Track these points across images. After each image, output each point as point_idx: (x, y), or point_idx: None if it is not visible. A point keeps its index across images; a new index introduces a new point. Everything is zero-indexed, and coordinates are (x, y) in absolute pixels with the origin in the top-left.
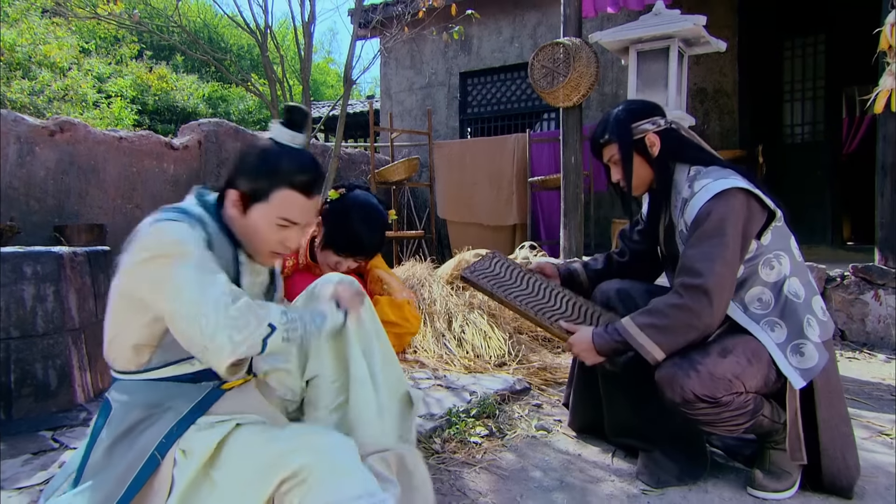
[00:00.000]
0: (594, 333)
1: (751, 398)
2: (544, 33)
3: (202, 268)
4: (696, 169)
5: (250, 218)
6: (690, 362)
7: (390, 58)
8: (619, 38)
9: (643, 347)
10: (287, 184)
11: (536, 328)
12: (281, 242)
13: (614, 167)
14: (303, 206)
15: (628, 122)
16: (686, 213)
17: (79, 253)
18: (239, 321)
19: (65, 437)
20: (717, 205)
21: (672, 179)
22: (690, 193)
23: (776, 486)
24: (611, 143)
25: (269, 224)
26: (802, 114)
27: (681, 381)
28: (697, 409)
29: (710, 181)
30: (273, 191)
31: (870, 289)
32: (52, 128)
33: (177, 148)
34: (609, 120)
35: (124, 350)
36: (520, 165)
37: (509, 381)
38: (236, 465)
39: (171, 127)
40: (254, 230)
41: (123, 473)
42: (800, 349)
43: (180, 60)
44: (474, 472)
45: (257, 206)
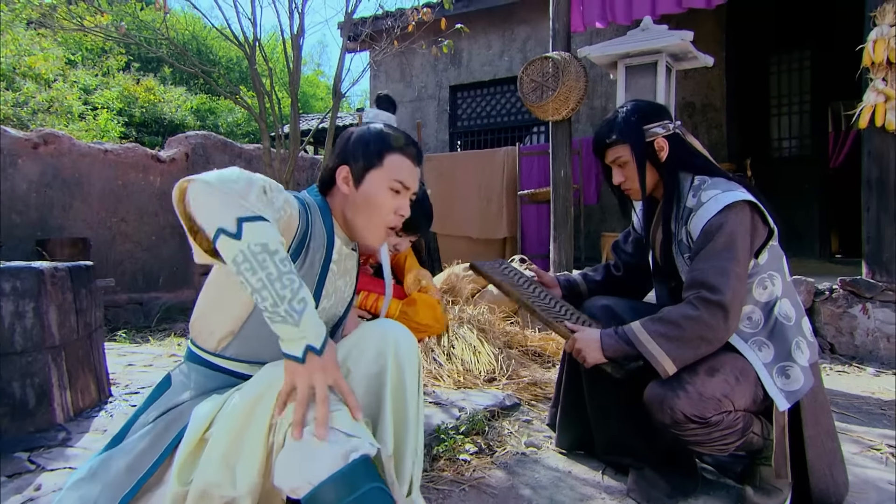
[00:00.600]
0: (602, 333)
1: (740, 416)
2: (533, 47)
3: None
4: (700, 178)
5: (364, 188)
6: (679, 382)
7: (380, 71)
8: (607, 52)
9: (653, 357)
10: (398, 149)
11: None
12: (396, 211)
13: (618, 169)
14: (412, 171)
15: (640, 124)
16: (691, 224)
17: (60, 268)
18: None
19: (42, 459)
20: (728, 217)
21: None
22: (696, 203)
23: (766, 502)
24: (619, 144)
25: (385, 189)
26: (790, 128)
27: (670, 401)
28: (687, 429)
29: (719, 192)
30: (385, 156)
31: (858, 302)
32: (36, 140)
33: (164, 160)
34: (618, 119)
35: (209, 325)
36: (509, 179)
37: (499, 397)
38: (228, 413)
39: (158, 139)
40: (370, 199)
41: (150, 447)
42: (786, 371)
43: (168, 72)
44: (463, 490)
45: (372, 173)
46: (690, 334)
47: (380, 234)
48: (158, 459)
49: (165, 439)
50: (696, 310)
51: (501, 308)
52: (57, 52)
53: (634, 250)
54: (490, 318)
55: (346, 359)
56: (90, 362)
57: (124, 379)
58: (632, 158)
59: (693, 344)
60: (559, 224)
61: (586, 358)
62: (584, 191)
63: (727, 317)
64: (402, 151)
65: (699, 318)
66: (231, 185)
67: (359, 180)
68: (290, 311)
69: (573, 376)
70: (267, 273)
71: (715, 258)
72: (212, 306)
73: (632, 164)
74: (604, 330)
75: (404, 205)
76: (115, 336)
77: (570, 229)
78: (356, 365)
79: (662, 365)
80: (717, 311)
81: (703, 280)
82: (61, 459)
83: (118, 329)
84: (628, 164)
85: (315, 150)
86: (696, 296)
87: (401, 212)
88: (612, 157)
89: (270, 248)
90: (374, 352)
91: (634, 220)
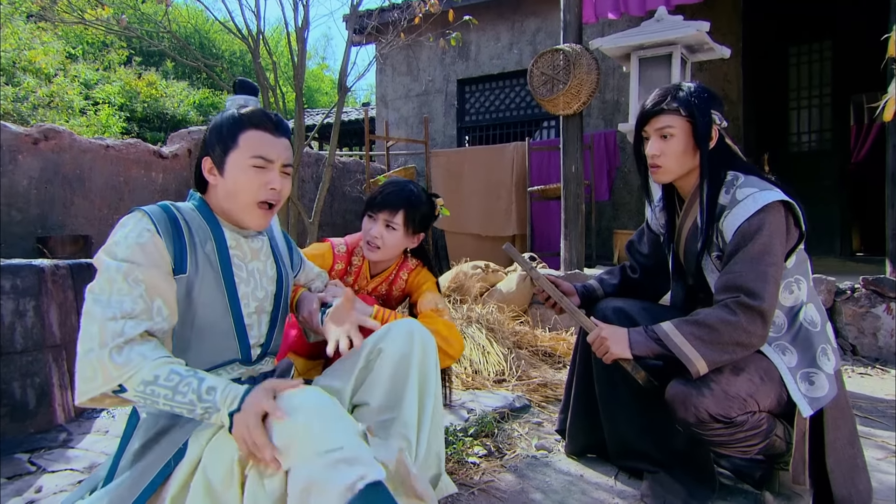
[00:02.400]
0: (630, 330)
1: (764, 417)
2: (544, 40)
3: (119, 275)
4: (733, 174)
5: (228, 173)
6: (703, 380)
7: (386, 64)
8: (620, 44)
9: (687, 358)
10: (250, 125)
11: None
12: (264, 186)
13: (659, 140)
14: (272, 143)
15: (709, 103)
16: (724, 223)
17: (61, 266)
18: (103, 363)
19: (43, 460)
20: (766, 219)
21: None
22: (730, 201)
23: None
24: (675, 115)
25: (246, 168)
26: (809, 121)
27: (694, 400)
28: (711, 429)
29: (756, 191)
30: (239, 135)
31: (881, 302)
32: (37, 135)
33: (166, 156)
34: (682, 91)
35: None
36: (519, 175)
37: (509, 399)
38: (217, 443)
39: (160, 135)
40: (234, 182)
41: (140, 476)
42: (810, 378)
43: (170, 66)
44: (472, 494)
45: (231, 156)
46: (727, 339)
47: (254, 213)
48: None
49: (150, 472)
50: (734, 315)
51: (511, 307)
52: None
53: (650, 250)
54: (499, 317)
55: (380, 340)
56: None
57: None
58: (683, 133)
59: (728, 349)
60: (570, 221)
61: (611, 350)
62: (596, 187)
63: (765, 323)
64: (256, 126)
65: (737, 323)
66: (89, 350)
67: (221, 167)
68: (206, 408)
69: (584, 380)
70: (164, 397)
71: (755, 262)
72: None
73: (679, 140)
74: (631, 328)
75: (273, 178)
76: None
77: (581, 226)
78: (388, 345)
79: (696, 366)
80: (756, 318)
81: (741, 284)
82: (62, 461)
83: None
84: (675, 138)
85: (320, 145)
86: (735, 300)
87: (270, 185)
88: (661, 124)
89: (148, 379)
90: (404, 335)
91: (648, 216)
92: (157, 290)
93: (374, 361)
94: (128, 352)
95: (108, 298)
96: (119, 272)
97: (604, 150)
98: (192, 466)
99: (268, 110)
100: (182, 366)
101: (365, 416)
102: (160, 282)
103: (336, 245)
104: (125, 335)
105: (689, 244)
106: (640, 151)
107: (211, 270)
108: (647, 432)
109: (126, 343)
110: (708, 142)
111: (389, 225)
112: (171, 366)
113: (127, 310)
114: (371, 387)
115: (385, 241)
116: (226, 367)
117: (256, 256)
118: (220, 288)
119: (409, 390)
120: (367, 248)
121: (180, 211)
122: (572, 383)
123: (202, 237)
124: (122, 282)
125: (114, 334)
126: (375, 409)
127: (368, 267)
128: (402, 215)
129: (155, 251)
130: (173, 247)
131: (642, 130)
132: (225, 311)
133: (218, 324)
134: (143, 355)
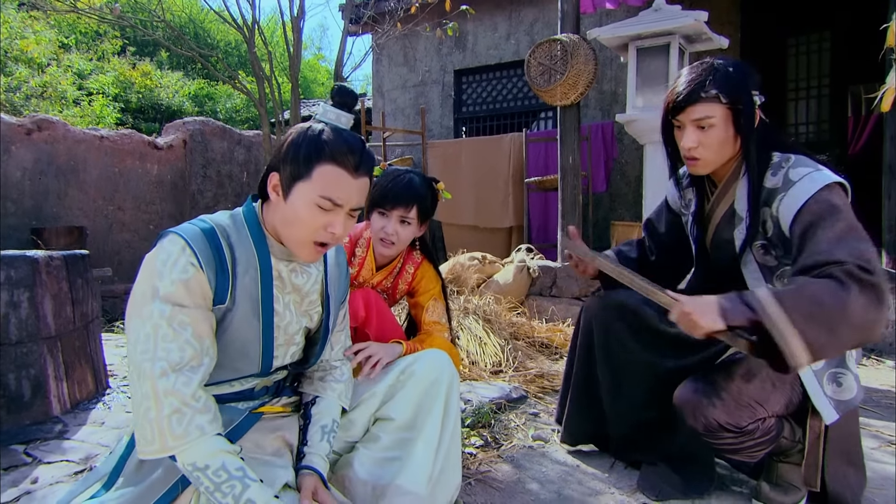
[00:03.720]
0: (720, 298)
1: (773, 423)
2: (541, 30)
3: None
4: (780, 156)
5: (291, 201)
6: (714, 388)
7: (382, 55)
8: (618, 34)
9: (783, 337)
10: (330, 159)
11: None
12: (324, 227)
13: (696, 132)
14: (348, 185)
15: (750, 82)
16: (781, 206)
17: (55, 257)
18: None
19: (38, 452)
20: (835, 196)
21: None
22: (782, 182)
23: (783, 499)
24: (714, 102)
25: (310, 204)
26: (807, 112)
27: (704, 409)
28: (721, 438)
29: (812, 170)
30: (315, 166)
31: None
32: (30, 126)
33: (161, 147)
34: (718, 73)
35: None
36: (516, 166)
37: (505, 389)
38: None
39: (155, 126)
40: (294, 213)
41: (145, 492)
42: (838, 378)
43: (165, 57)
44: (469, 484)
45: (299, 185)
46: (837, 317)
47: (308, 251)
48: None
49: (156, 491)
50: (843, 287)
51: (508, 299)
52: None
53: (670, 230)
54: (496, 308)
55: (413, 363)
56: (87, 353)
57: (123, 370)
58: (724, 122)
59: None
60: (567, 212)
61: (699, 323)
62: (593, 178)
63: (881, 304)
64: (337, 161)
65: (850, 298)
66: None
67: (287, 191)
68: None
69: (585, 369)
70: (205, 487)
71: (845, 240)
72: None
73: (719, 130)
74: (721, 296)
75: (336, 221)
76: (113, 327)
77: (578, 218)
78: (420, 368)
79: (793, 354)
80: (870, 293)
81: (840, 258)
82: (58, 452)
83: (115, 320)
84: (715, 128)
85: None
86: (842, 269)
87: (331, 229)
88: (699, 114)
89: (199, 465)
90: (437, 362)
91: (669, 195)
92: (204, 331)
93: (406, 381)
94: (187, 422)
95: (155, 349)
96: (163, 318)
97: (601, 141)
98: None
99: (356, 141)
100: (234, 458)
101: (386, 429)
102: (205, 321)
103: None
104: (180, 394)
105: (721, 231)
106: (669, 138)
107: (249, 301)
108: (650, 425)
109: (185, 407)
110: (753, 128)
111: (404, 220)
112: (223, 458)
113: (175, 360)
114: (398, 403)
115: (400, 237)
116: (240, 380)
117: (297, 291)
118: (256, 317)
119: (434, 411)
120: (382, 245)
121: (224, 233)
122: (571, 372)
123: (245, 265)
124: (167, 328)
125: (167, 392)
126: (399, 425)
127: (374, 259)
128: (416, 210)
129: (198, 288)
130: (216, 279)
131: (674, 119)
132: (255, 339)
133: (245, 350)
134: (202, 430)
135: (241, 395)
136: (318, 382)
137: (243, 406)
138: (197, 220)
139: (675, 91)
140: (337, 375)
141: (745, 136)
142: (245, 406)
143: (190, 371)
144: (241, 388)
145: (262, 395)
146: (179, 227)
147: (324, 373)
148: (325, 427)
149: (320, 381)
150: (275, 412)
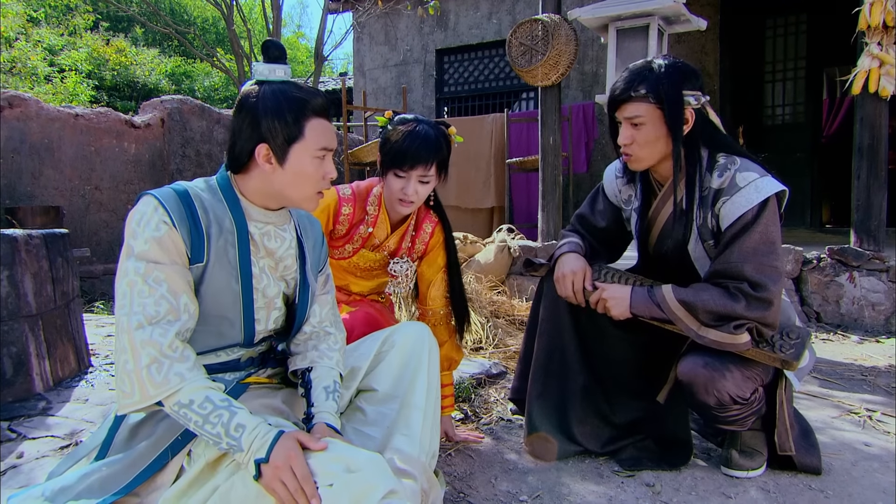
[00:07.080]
0: (633, 290)
1: (761, 392)
2: (523, 9)
3: (139, 277)
4: (725, 157)
5: (291, 164)
6: (722, 363)
7: (363, 33)
8: (598, 14)
9: (683, 323)
10: (312, 112)
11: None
12: (324, 177)
13: (630, 129)
14: (331, 130)
15: (680, 85)
16: (724, 208)
17: (35, 235)
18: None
19: (23, 428)
20: (769, 209)
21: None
22: (728, 185)
23: (750, 464)
24: (644, 102)
25: (312, 159)
26: (783, 94)
27: (717, 383)
28: (729, 410)
29: (757, 177)
30: (305, 124)
31: (845, 271)
32: (0, 103)
33: (138, 126)
34: (652, 73)
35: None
36: (497, 146)
37: (485, 366)
38: (240, 487)
39: (131, 104)
40: (299, 174)
41: (135, 460)
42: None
43: (140, 33)
44: (449, 455)
45: (295, 147)
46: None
47: (313, 202)
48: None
49: (146, 457)
50: (735, 300)
51: (489, 278)
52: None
53: (608, 224)
54: (477, 287)
55: (393, 333)
56: (69, 332)
57: (104, 349)
58: (654, 121)
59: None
60: (547, 193)
61: (611, 311)
62: (574, 159)
63: (771, 306)
64: (318, 113)
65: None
66: (125, 363)
67: (283, 157)
68: (231, 444)
69: (550, 341)
70: (194, 422)
71: (759, 255)
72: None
73: (650, 128)
74: (635, 287)
75: (330, 168)
76: (93, 307)
77: (558, 198)
78: (400, 338)
79: (692, 329)
80: (760, 305)
81: (746, 275)
82: (42, 428)
83: (95, 300)
84: (645, 126)
85: None
86: (737, 287)
87: (329, 176)
88: (630, 113)
89: (183, 402)
90: (416, 332)
91: (609, 187)
92: (180, 287)
93: (386, 353)
94: (166, 370)
95: (131, 304)
96: (138, 274)
97: (582, 121)
98: (196, 472)
99: (312, 88)
100: (218, 392)
101: (369, 400)
102: (180, 278)
103: (339, 189)
104: (156, 344)
105: (668, 230)
106: (614, 134)
107: (227, 261)
108: (633, 399)
109: (162, 357)
110: (681, 128)
111: (423, 180)
112: (206, 392)
113: (150, 314)
114: (380, 374)
115: (420, 195)
116: (226, 349)
117: (270, 255)
118: (235, 279)
119: (419, 379)
120: (401, 205)
121: (198, 196)
122: (535, 347)
123: (219, 226)
124: (141, 284)
125: (143, 343)
126: (381, 396)
127: (388, 217)
128: (435, 167)
129: (172, 245)
130: (189, 237)
131: (613, 115)
132: (235, 302)
133: (226, 314)
134: (181, 376)
135: (227, 366)
136: (312, 352)
137: (230, 377)
138: (173, 184)
139: (612, 88)
140: (331, 343)
141: (673, 135)
142: (232, 377)
143: (166, 324)
144: (227, 359)
145: (248, 367)
146: (155, 189)
147: (317, 341)
148: (328, 388)
149: (315, 351)
150: (261, 383)
